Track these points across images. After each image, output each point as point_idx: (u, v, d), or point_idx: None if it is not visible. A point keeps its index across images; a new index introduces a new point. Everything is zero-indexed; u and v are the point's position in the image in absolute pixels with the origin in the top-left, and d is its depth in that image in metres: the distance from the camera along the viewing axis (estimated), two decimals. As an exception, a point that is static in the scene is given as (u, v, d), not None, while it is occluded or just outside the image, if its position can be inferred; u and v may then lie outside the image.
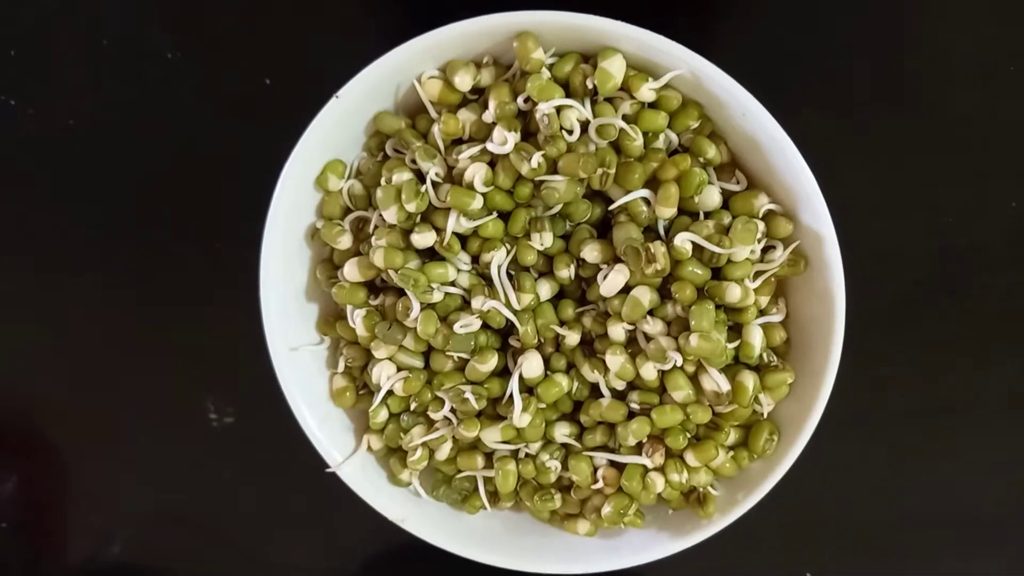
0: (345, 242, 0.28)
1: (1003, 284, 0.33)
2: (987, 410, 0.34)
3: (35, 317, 0.35)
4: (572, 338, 0.27)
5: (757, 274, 0.26)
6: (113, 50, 0.33)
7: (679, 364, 0.26)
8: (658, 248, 0.25)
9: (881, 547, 0.35)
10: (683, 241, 0.25)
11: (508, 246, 0.27)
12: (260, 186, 0.27)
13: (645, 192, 0.26)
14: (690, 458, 0.27)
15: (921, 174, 0.32)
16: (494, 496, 0.29)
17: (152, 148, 0.34)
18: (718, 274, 0.26)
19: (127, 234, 0.34)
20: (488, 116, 0.26)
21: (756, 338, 0.26)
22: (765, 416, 0.28)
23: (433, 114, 0.27)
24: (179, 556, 0.37)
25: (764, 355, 0.27)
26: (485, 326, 0.27)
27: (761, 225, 0.26)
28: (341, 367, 0.30)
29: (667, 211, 0.26)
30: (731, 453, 0.28)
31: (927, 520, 0.35)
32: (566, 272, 0.27)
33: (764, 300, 0.27)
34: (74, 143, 0.34)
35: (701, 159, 0.26)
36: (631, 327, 0.26)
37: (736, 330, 0.27)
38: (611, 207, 0.26)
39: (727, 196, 0.27)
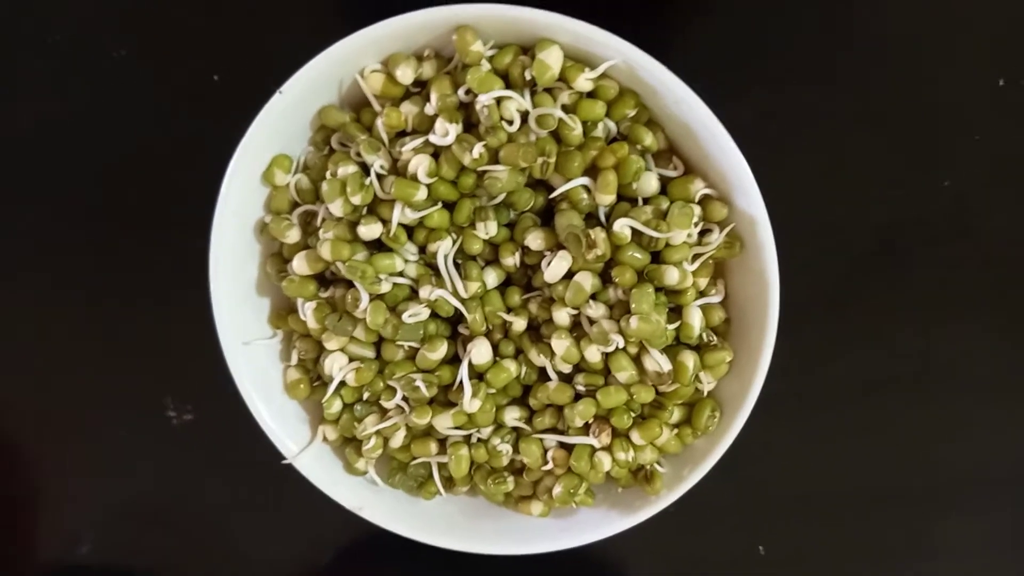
0: (293, 236, 0.28)
1: (942, 256, 0.34)
2: (932, 380, 0.35)
3: None
4: (519, 324, 0.28)
5: (695, 257, 0.27)
6: (62, 49, 0.33)
7: (621, 346, 0.26)
8: (598, 234, 0.26)
9: (831, 519, 0.36)
10: (622, 227, 0.26)
11: (454, 236, 0.27)
12: (213, 181, 0.27)
13: (585, 180, 0.27)
14: (635, 437, 0.28)
15: (856, 154, 0.33)
16: (449, 481, 0.30)
17: (105, 146, 0.34)
18: (657, 258, 0.27)
19: (82, 232, 0.34)
20: (430, 108, 0.26)
21: (695, 319, 0.27)
22: (707, 394, 0.28)
23: (377, 107, 0.27)
24: (148, 553, 0.37)
25: (704, 335, 0.28)
26: (434, 315, 0.28)
27: (697, 209, 0.27)
28: (294, 360, 0.30)
29: (606, 198, 0.27)
30: (675, 431, 0.29)
31: (877, 491, 0.36)
32: (511, 260, 0.27)
33: (703, 282, 0.28)
34: (27, 142, 0.34)
35: (638, 146, 0.27)
36: (575, 311, 0.27)
37: (676, 312, 0.28)
38: (552, 195, 0.27)
39: (665, 182, 0.27)
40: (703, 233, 0.27)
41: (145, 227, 0.34)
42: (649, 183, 0.27)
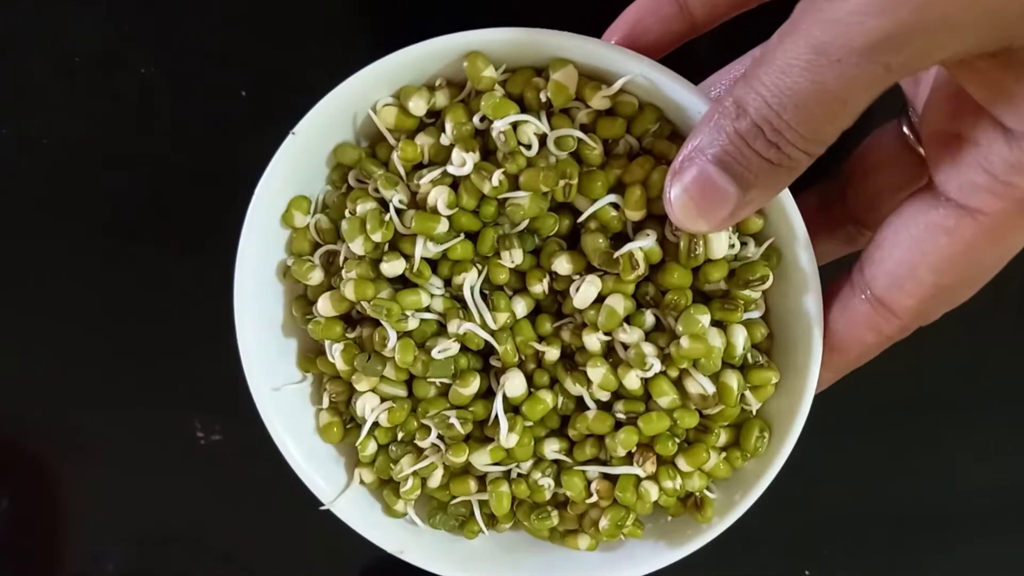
0: (316, 277, 0.28)
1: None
2: (978, 402, 0.33)
3: (22, 338, 0.35)
4: (552, 353, 0.27)
5: (738, 273, 0.26)
6: (85, 67, 0.33)
7: (660, 370, 0.25)
8: (638, 252, 0.25)
9: (878, 542, 0.34)
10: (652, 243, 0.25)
11: (479, 266, 0.27)
12: (243, 199, 0.27)
13: (613, 197, 0.26)
14: (682, 463, 0.27)
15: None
16: (491, 519, 0.29)
17: (133, 163, 0.34)
18: (696, 277, 0.26)
19: (110, 253, 0.34)
20: (446, 139, 0.26)
21: (739, 337, 0.26)
22: (754, 414, 0.27)
23: (391, 141, 0.27)
24: (173, 574, 0.36)
25: (748, 354, 0.26)
26: (464, 349, 0.27)
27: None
28: (326, 403, 0.29)
29: (636, 214, 0.26)
30: (723, 455, 0.27)
31: (925, 513, 0.34)
32: (539, 287, 0.27)
33: (749, 296, 0.27)
34: (50, 160, 0.34)
35: (664, 161, 0.26)
36: (608, 336, 0.26)
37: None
38: (580, 219, 0.26)
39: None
40: (739, 247, 0.26)
41: (175, 246, 0.34)
42: (677, 198, 0.26)
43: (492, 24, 0.25)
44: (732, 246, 0.25)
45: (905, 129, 0.27)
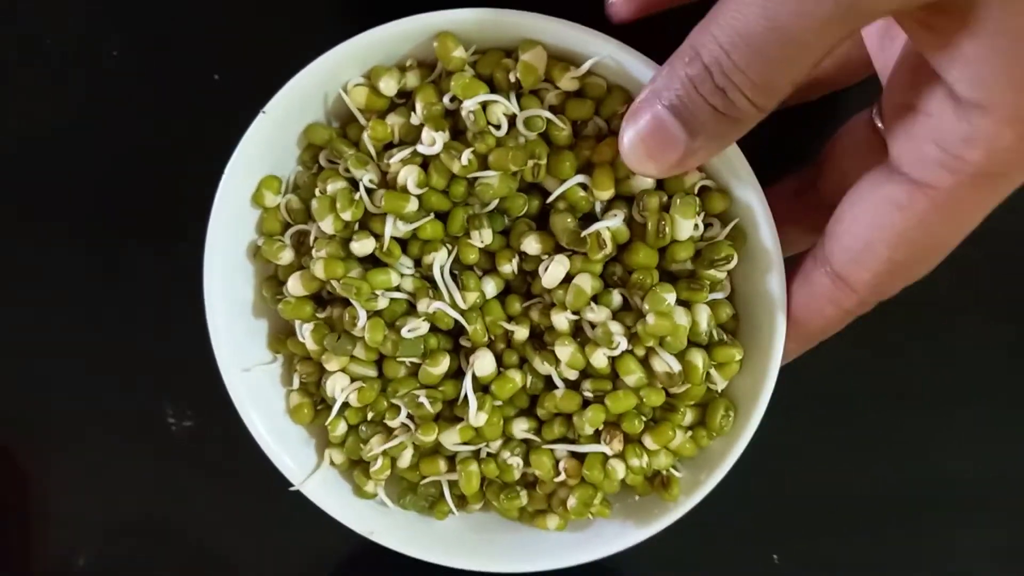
0: (287, 257, 0.28)
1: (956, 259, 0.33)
2: (949, 387, 0.34)
3: None
4: (521, 333, 0.27)
5: (704, 253, 0.26)
6: (55, 52, 0.33)
7: (626, 348, 0.26)
8: (605, 232, 0.25)
9: (847, 527, 0.35)
10: (619, 223, 0.25)
11: (449, 246, 0.27)
12: (213, 184, 0.27)
13: (582, 178, 0.26)
14: (648, 441, 0.27)
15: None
16: (461, 499, 0.29)
17: (103, 149, 0.34)
18: (663, 257, 0.26)
19: (80, 238, 0.34)
20: (416, 119, 0.26)
21: (703, 316, 0.26)
22: (720, 393, 0.28)
23: (362, 121, 0.27)
24: (145, 566, 0.36)
25: (713, 332, 0.27)
26: (434, 328, 0.27)
27: (697, 200, 0.26)
28: (296, 384, 0.29)
29: (604, 194, 0.26)
30: (689, 433, 0.28)
31: (893, 499, 0.35)
32: (509, 267, 0.27)
33: (716, 276, 0.27)
34: (23, 146, 0.34)
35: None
36: (575, 316, 0.26)
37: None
38: (550, 199, 0.26)
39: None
40: (704, 228, 0.26)
41: (146, 231, 0.34)
42: (644, 180, 0.26)
43: (463, 5, 0.25)
44: (697, 227, 0.26)
45: (875, 113, 0.27)
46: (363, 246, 0.26)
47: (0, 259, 0.34)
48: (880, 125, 0.26)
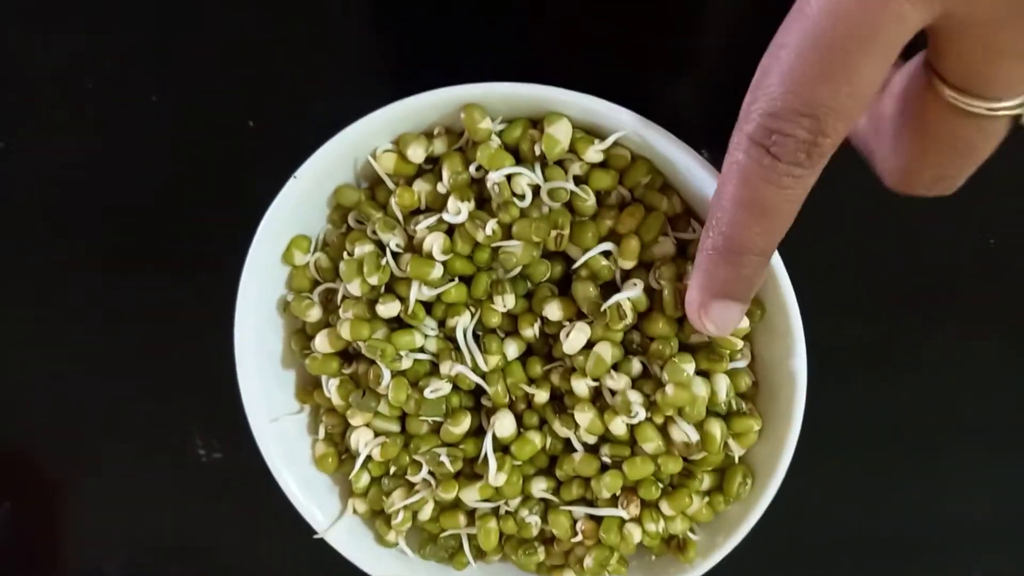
0: (315, 315, 0.29)
1: (969, 305, 0.33)
2: (963, 430, 0.34)
3: (28, 353, 0.36)
4: (541, 395, 0.27)
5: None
6: (96, 93, 0.34)
7: (645, 416, 0.26)
8: (626, 303, 0.26)
9: (863, 569, 0.35)
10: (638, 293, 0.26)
11: (472, 309, 0.27)
12: (246, 224, 0.28)
13: (608, 246, 0.26)
14: (665, 507, 0.27)
15: (878, 208, 0.32)
16: (480, 552, 0.30)
17: (141, 188, 0.35)
18: (681, 327, 0.26)
19: (115, 272, 0.35)
20: (442, 186, 0.27)
21: (721, 386, 0.26)
22: (738, 460, 0.28)
23: (391, 186, 0.27)
24: None
25: (732, 402, 0.27)
26: (456, 388, 0.28)
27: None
28: (321, 434, 0.30)
29: (628, 263, 0.26)
30: (706, 499, 0.28)
31: (912, 539, 0.35)
32: (531, 331, 0.27)
33: (736, 344, 0.27)
34: (58, 183, 0.35)
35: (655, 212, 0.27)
36: (596, 382, 0.26)
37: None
38: (575, 266, 0.27)
39: (683, 245, 0.27)
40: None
41: (178, 267, 0.35)
42: (665, 247, 0.26)
43: (491, 77, 0.26)
44: None
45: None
46: (388, 309, 0.27)
47: (44, 290, 0.36)
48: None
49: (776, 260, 0.25)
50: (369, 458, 0.29)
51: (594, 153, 0.26)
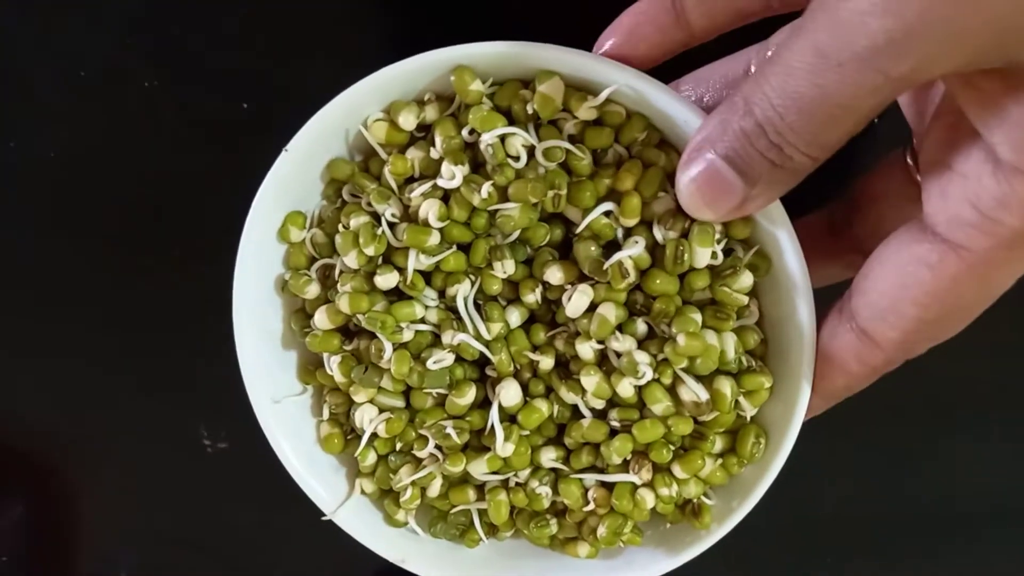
0: (313, 291, 0.28)
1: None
2: (979, 406, 0.33)
3: (31, 347, 0.36)
4: (546, 362, 0.27)
5: (723, 277, 0.26)
6: (91, 81, 0.34)
7: (652, 377, 0.25)
8: (628, 261, 0.25)
9: (879, 544, 0.34)
10: (640, 250, 0.25)
11: (472, 277, 0.27)
12: (246, 209, 0.27)
13: (609, 205, 0.26)
14: (677, 470, 0.27)
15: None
16: (491, 527, 0.29)
17: (137, 175, 0.35)
18: (682, 284, 0.26)
19: (115, 262, 0.35)
20: (435, 152, 0.26)
21: (729, 342, 0.26)
22: (749, 420, 0.27)
23: (383, 156, 0.27)
24: None
25: (741, 359, 0.26)
26: (459, 359, 0.27)
27: (719, 226, 0.25)
28: (326, 414, 0.30)
29: (631, 221, 0.26)
30: (720, 461, 0.27)
31: (925, 515, 0.34)
32: (532, 297, 0.27)
33: (740, 300, 0.27)
34: (56, 173, 0.35)
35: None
36: (601, 345, 0.26)
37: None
38: (577, 229, 0.26)
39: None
40: (727, 253, 0.26)
41: (179, 255, 0.35)
42: (665, 205, 0.26)
43: (479, 38, 0.25)
44: (715, 255, 0.25)
45: (908, 159, 0.26)
46: (387, 280, 0.26)
47: (46, 283, 0.36)
48: (911, 163, 0.26)
49: (781, 212, 0.25)
50: (375, 435, 0.28)
51: (587, 110, 0.25)
